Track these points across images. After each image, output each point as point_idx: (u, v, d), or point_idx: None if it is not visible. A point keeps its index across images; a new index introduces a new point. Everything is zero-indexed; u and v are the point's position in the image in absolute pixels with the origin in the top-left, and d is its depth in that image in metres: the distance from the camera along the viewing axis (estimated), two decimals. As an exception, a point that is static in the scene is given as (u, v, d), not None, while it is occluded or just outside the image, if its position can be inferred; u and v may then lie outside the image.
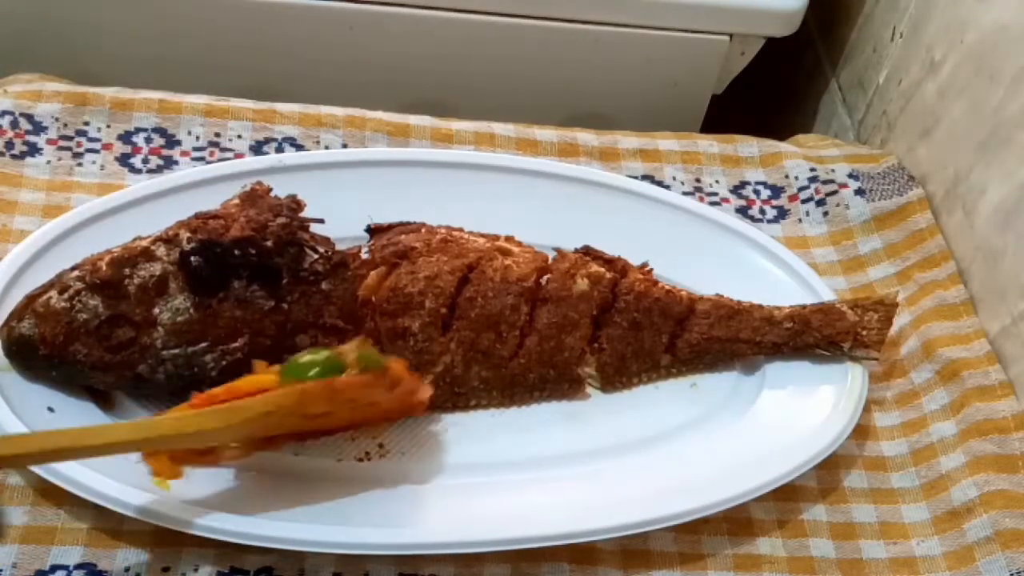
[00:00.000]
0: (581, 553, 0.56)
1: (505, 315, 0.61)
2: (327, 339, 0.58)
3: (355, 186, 0.68)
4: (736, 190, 0.77)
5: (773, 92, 1.06)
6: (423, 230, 0.63)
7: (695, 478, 0.58)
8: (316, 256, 0.58)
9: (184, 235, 0.56)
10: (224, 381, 0.55)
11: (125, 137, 0.71)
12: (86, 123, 0.71)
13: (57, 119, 0.71)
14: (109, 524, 0.53)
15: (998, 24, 0.70)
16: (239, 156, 0.71)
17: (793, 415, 0.62)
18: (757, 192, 0.77)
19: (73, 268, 0.56)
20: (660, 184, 0.75)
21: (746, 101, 0.97)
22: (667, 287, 0.65)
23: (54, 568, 0.52)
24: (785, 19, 0.87)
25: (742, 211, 0.76)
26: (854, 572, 0.58)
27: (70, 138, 0.70)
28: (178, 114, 0.73)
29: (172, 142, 0.72)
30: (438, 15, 0.86)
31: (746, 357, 0.65)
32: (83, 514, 0.54)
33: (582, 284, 0.62)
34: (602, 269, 0.64)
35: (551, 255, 0.65)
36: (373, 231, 0.64)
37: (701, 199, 0.75)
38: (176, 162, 0.71)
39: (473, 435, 0.60)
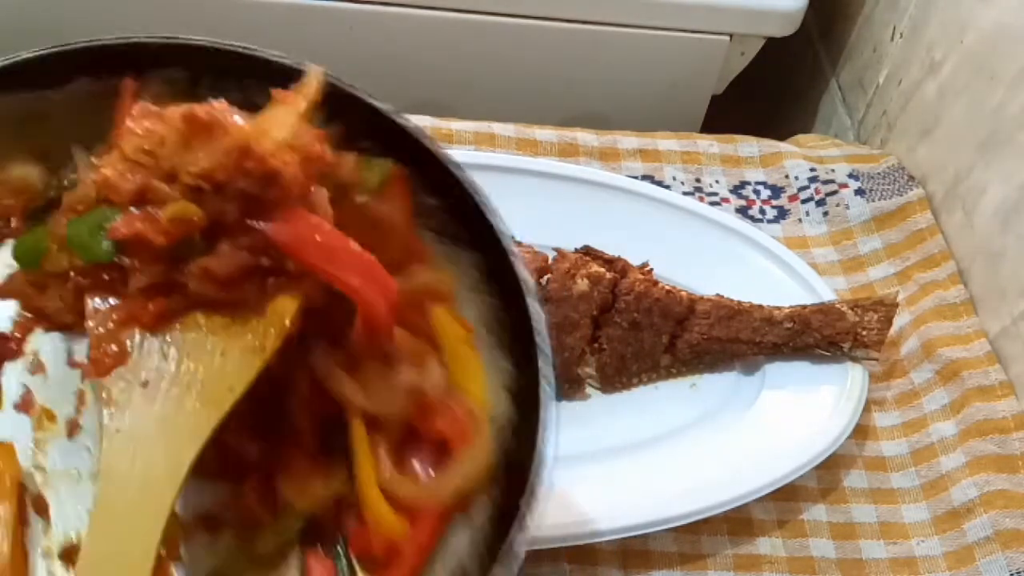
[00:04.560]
0: (581, 553, 0.56)
1: (505, 315, 0.61)
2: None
3: (355, 186, 0.67)
4: (736, 190, 0.77)
5: (773, 92, 1.06)
6: (423, 230, 0.63)
7: (695, 479, 0.58)
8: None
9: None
10: None
11: (125, 137, 0.71)
12: (86, 123, 0.71)
13: (57, 119, 0.70)
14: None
15: (998, 24, 0.70)
16: (239, 156, 0.71)
17: (793, 415, 0.62)
18: (757, 192, 0.77)
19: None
20: (660, 184, 0.75)
21: (746, 101, 0.97)
22: (667, 287, 0.65)
23: (54, 568, 0.52)
24: (785, 19, 0.87)
25: (742, 211, 0.76)
26: (854, 572, 0.58)
27: (70, 138, 0.70)
28: (178, 114, 0.72)
29: (172, 142, 0.71)
30: (438, 15, 0.86)
31: (746, 357, 0.65)
32: (83, 514, 0.53)
33: (582, 284, 0.62)
34: (602, 269, 0.64)
35: (551, 255, 0.65)
36: (373, 231, 0.64)
37: (701, 199, 0.75)
38: (176, 162, 0.71)
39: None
